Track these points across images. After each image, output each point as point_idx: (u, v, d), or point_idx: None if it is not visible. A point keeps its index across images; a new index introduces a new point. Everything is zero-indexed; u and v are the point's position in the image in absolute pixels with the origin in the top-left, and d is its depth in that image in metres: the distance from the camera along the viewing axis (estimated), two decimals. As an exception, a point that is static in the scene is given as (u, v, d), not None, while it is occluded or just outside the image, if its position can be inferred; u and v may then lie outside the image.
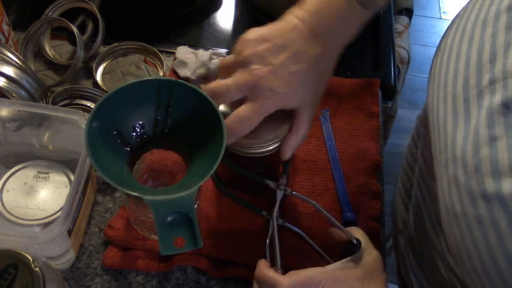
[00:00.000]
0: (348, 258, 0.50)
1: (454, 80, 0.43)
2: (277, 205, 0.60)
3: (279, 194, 0.61)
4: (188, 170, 0.53)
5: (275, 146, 0.57)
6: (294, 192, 0.61)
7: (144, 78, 0.51)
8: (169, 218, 0.45)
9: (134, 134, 0.53)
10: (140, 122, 0.53)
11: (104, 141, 0.50)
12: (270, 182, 0.61)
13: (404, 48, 1.23)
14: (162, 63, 0.77)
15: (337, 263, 0.51)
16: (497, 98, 0.38)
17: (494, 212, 0.36)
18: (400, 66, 1.22)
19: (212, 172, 0.47)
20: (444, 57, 0.46)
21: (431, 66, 0.50)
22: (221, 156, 0.48)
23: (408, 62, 1.26)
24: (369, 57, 0.85)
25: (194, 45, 0.80)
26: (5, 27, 0.69)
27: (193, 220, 0.45)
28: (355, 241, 0.52)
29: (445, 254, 0.52)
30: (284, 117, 0.56)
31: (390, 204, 0.77)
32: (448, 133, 0.43)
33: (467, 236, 0.39)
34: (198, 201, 0.61)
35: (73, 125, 0.58)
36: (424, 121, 0.57)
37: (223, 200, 0.65)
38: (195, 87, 0.52)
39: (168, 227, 0.45)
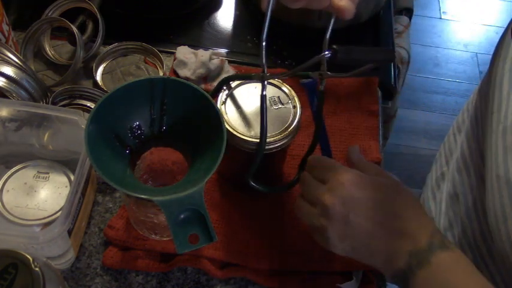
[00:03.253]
0: None
1: None
2: None
3: None
4: (191, 166, 0.53)
5: (279, 144, 0.57)
6: None
7: (137, 79, 0.51)
8: (181, 216, 0.46)
9: (132, 135, 0.53)
10: (137, 123, 0.53)
11: (104, 146, 0.50)
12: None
13: (404, 48, 1.23)
14: (162, 63, 0.77)
15: None
16: None
17: None
18: (400, 66, 1.22)
19: (217, 166, 0.47)
20: None
21: (498, 44, 0.53)
22: (223, 149, 0.48)
23: (408, 62, 1.26)
24: (369, 57, 0.85)
25: (194, 45, 0.80)
26: (5, 27, 0.69)
27: (205, 215, 0.46)
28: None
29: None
30: (290, 115, 0.57)
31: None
32: (510, 102, 0.44)
33: None
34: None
35: (73, 125, 0.58)
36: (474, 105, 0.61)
37: (223, 203, 0.65)
38: (188, 82, 0.52)
39: (180, 225, 0.45)
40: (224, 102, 0.58)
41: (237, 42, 0.85)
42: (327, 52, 0.50)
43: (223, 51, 0.82)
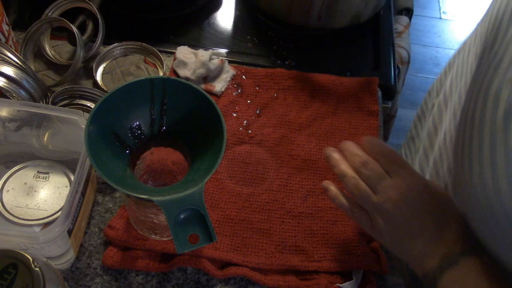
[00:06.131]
0: None
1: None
2: None
3: None
4: (191, 166, 0.53)
5: None
6: None
7: (137, 79, 0.51)
8: (181, 216, 0.46)
9: (132, 135, 0.53)
10: (137, 123, 0.53)
11: (104, 146, 0.50)
12: None
13: (404, 48, 1.23)
14: (162, 63, 0.77)
15: None
16: None
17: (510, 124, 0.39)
18: (400, 66, 1.22)
19: (217, 166, 0.47)
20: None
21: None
22: (223, 149, 0.48)
23: (408, 62, 1.26)
24: (369, 57, 0.85)
25: (194, 45, 0.80)
26: (5, 27, 0.69)
27: (205, 215, 0.45)
28: None
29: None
30: None
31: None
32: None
33: (476, 141, 0.43)
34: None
35: (73, 125, 0.58)
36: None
37: (223, 203, 0.65)
38: (188, 82, 0.52)
39: (181, 225, 0.45)
40: None
41: (237, 42, 0.85)
42: None
43: (223, 51, 0.82)
